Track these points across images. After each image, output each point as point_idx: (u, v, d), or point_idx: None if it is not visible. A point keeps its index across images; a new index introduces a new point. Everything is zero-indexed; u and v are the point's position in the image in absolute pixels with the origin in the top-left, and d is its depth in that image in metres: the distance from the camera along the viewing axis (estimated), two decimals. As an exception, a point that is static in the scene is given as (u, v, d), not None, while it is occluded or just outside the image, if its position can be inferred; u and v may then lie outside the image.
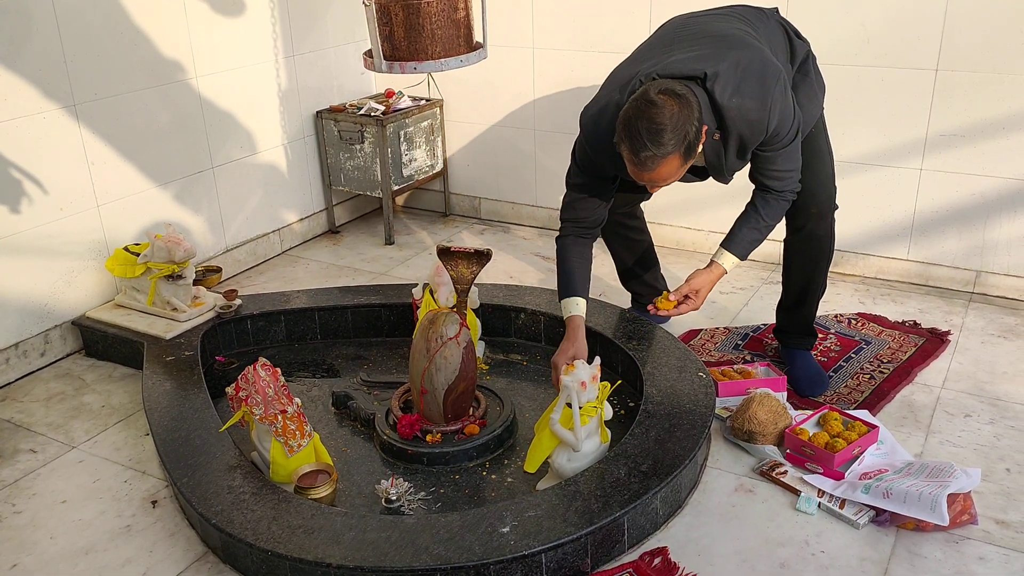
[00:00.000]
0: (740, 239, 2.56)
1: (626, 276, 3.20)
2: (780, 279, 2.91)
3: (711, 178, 2.59)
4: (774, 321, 3.25)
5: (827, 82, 2.73)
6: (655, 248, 3.21)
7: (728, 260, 2.57)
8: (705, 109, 2.26)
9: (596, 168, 2.56)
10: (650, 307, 2.62)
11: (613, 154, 2.33)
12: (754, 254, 3.77)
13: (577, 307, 2.63)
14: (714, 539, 2.20)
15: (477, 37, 2.52)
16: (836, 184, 2.70)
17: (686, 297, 2.57)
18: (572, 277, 2.65)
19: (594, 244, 2.74)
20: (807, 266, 2.78)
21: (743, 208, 2.60)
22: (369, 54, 2.46)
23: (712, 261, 2.59)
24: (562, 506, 2.11)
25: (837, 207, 2.71)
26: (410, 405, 2.63)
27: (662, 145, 2.16)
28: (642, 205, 3.12)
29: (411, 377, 2.53)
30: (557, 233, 2.74)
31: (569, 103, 4.01)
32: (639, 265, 3.15)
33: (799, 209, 2.64)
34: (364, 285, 3.42)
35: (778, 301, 2.95)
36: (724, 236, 2.61)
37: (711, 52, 2.33)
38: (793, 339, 2.92)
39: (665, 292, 2.60)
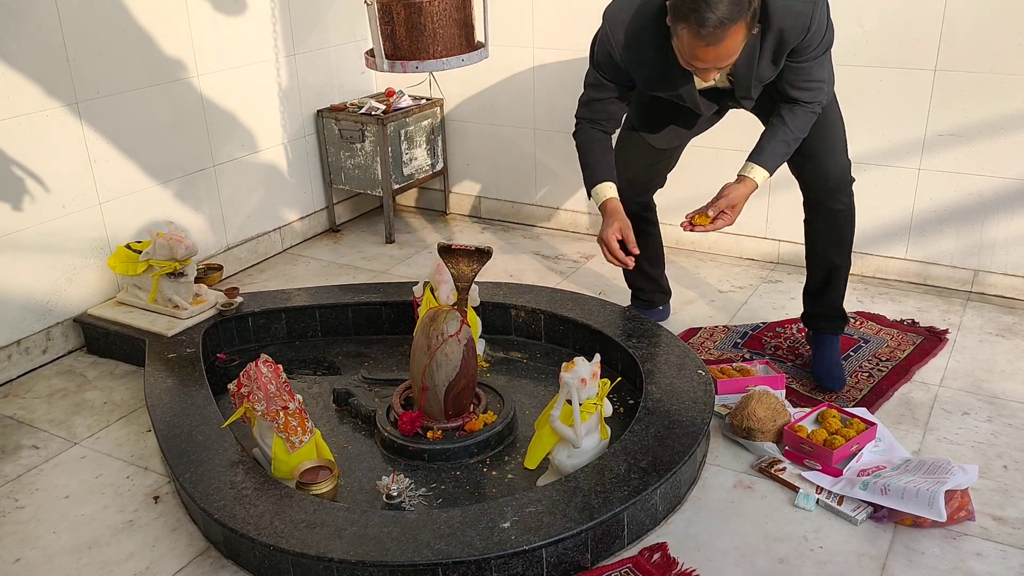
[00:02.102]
0: (769, 152, 2.51)
1: (631, 271, 3.09)
2: (780, 279, 2.93)
3: (728, 110, 2.57)
4: (773, 320, 3.27)
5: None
6: (663, 246, 3.22)
7: (758, 173, 2.52)
8: None
9: (615, 70, 2.53)
10: (684, 224, 2.59)
11: (642, 52, 2.33)
12: (753, 253, 3.81)
13: (610, 190, 2.63)
14: (713, 535, 2.21)
15: (478, 36, 2.53)
16: (850, 158, 2.69)
17: (722, 213, 2.54)
18: (597, 166, 2.65)
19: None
20: (830, 245, 2.74)
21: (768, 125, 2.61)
22: (371, 53, 2.47)
23: (741, 176, 2.55)
24: (562, 502, 2.12)
25: (854, 179, 2.67)
26: (411, 402, 2.64)
27: (730, 7, 2.09)
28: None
29: (412, 374, 2.54)
30: (574, 129, 2.74)
31: (569, 103, 4.00)
32: (647, 261, 3.09)
33: (814, 184, 2.63)
34: (365, 283, 3.43)
35: (803, 286, 2.92)
36: (751, 152, 2.57)
37: None
38: (822, 323, 2.87)
39: (698, 212, 2.59)
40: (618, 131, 2.83)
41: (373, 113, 4.01)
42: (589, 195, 2.69)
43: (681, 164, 3.86)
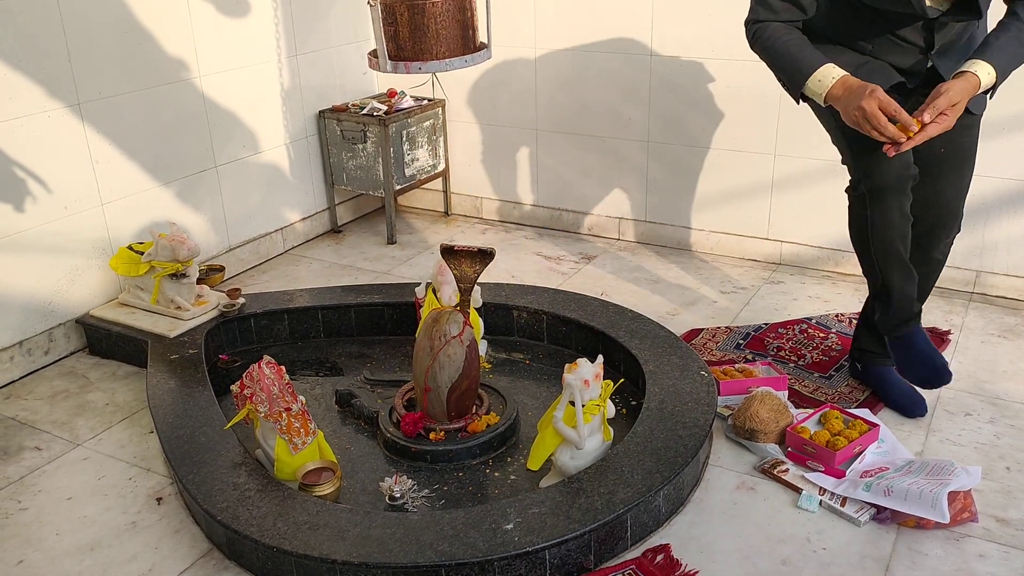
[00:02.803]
0: (999, 48, 2.09)
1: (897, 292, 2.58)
2: (782, 280, 2.91)
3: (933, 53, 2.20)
4: (775, 321, 3.26)
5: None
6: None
7: (983, 69, 2.08)
8: None
9: None
10: (895, 140, 2.10)
11: None
12: (755, 254, 3.81)
13: (836, 70, 2.18)
14: (716, 536, 2.21)
15: (481, 37, 2.53)
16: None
17: (941, 115, 2.08)
18: (802, 55, 2.22)
19: None
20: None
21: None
22: (374, 54, 2.47)
23: (963, 71, 2.10)
24: (565, 503, 2.12)
25: (959, 229, 2.52)
26: (413, 403, 2.64)
27: None
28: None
29: (415, 375, 2.54)
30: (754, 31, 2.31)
31: (571, 103, 4.03)
32: (907, 278, 2.54)
33: (922, 212, 2.38)
34: (367, 284, 3.43)
35: (865, 300, 2.73)
36: (976, 50, 2.16)
37: None
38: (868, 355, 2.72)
39: (914, 120, 2.10)
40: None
41: (375, 114, 4.01)
42: (801, 99, 2.26)
43: (682, 165, 3.87)
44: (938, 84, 2.12)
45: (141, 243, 3.28)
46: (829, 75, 2.17)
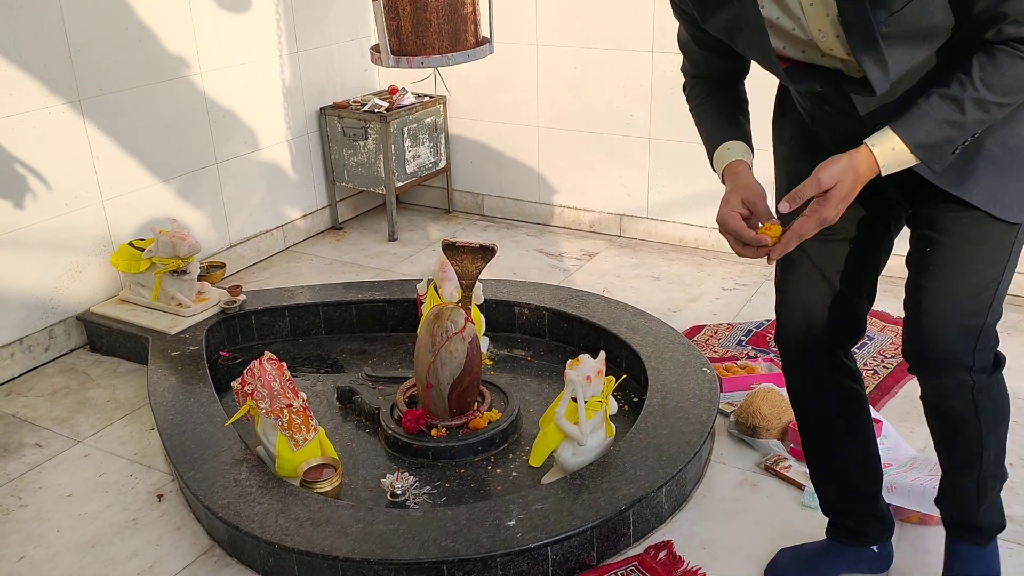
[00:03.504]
0: (921, 114, 1.42)
1: (827, 480, 2.00)
2: None
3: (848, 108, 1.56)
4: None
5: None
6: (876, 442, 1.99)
7: (885, 142, 1.45)
8: None
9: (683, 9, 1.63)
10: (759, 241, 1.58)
11: None
12: (757, 251, 3.79)
13: (730, 153, 1.73)
14: (718, 533, 2.21)
15: (483, 32, 2.52)
16: (990, 332, 1.72)
17: (811, 208, 1.51)
18: (713, 126, 1.79)
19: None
20: (940, 444, 1.85)
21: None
22: (376, 49, 2.47)
23: (864, 142, 1.48)
24: (568, 500, 2.12)
25: (990, 369, 1.72)
26: (415, 400, 2.64)
27: None
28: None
29: (416, 372, 2.53)
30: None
31: (572, 100, 4.02)
32: (856, 462, 1.95)
33: (907, 343, 1.76)
34: (368, 281, 3.43)
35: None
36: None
37: None
38: (950, 528, 1.95)
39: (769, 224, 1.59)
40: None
41: (376, 110, 4.01)
42: (715, 169, 1.76)
43: (683, 162, 3.86)
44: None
45: (142, 240, 3.27)
46: (721, 161, 1.74)
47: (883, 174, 1.48)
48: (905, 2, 1.36)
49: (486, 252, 2.60)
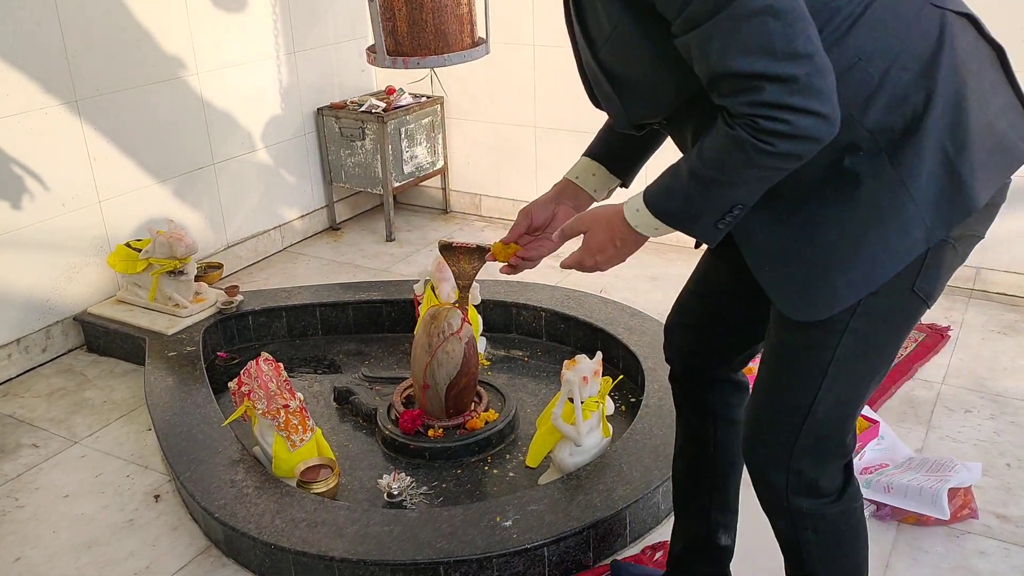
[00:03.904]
0: (663, 178, 1.35)
1: (681, 519, 1.86)
2: None
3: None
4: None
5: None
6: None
7: (635, 202, 1.37)
8: None
9: None
10: (489, 254, 1.70)
11: None
12: (754, 251, 3.79)
13: (572, 168, 1.76)
14: (715, 533, 2.20)
15: (479, 33, 2.52)
16: (852, 436, 1.46)
17: (544, 239, 1.58)
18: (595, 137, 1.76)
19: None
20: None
21: None
22: (372, 49, 2.47)
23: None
24: (564, 500, 2.12)
25: (849, 488, 1.48)
26: (412, 400, 2.64)
27: None
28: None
29: (413, 372, 2.53)
30: None
31: (569, 100, 4.01)
32: (714, 503, 1.82)
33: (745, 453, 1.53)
34: (365, 281, 3.42)
35: None
36: None
37: None
38: None
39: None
40: None
41: (373, 111, 4.00)
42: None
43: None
44: None
45: (139, 240, 3.27)
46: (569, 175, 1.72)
47: (643, 233, 1.38)
48: (604, 41, 1.31)
49: (483, 252, 2.58)
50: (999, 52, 1.32)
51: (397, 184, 4.13)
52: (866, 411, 2.56)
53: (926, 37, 1.23)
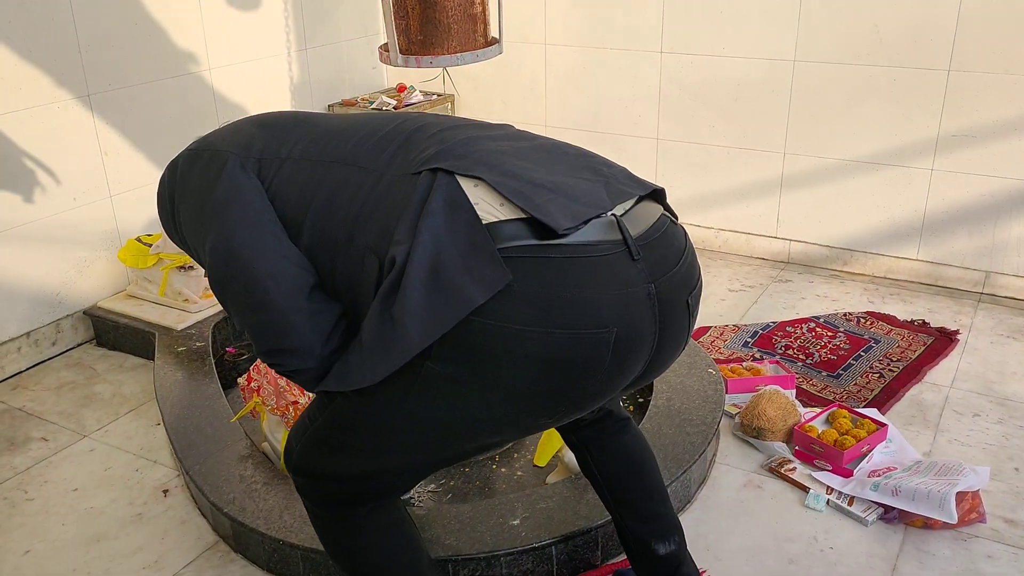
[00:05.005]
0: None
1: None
2: (791, 279, 2.84)
3: None
4: (783, 319, 3.25)
5: (839, 81, 2.60)
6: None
7: None
8: None
9: None
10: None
11: None
12: (764, 252, 3.80)
13: None
14: (723, 534, 2.21)
15: (492, 32, 2.52)
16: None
17: None
18: None
19: None
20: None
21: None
22: (384, 48, 2.47)
23: None
24: (573, 499, 2.12)
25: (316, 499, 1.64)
26: (420, 398, 2.64)
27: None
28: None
29: (422, 370, 2.53)
30: None
31: (580, 99, 4.02)
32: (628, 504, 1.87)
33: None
34: (374, 278, 3.42)
35: None
36: None
37: None
38: None
39: None
40: None
41: (384, 108, 4.01)
42: None
43: (691, 163, 3.86)
44: None
45: (149, 235, 3.28)
46: None
47: None
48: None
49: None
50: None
51: (406, 182, 4.13)
52: (875, 414, 2.56)
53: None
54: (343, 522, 1.63)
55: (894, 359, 2.95)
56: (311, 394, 2.34)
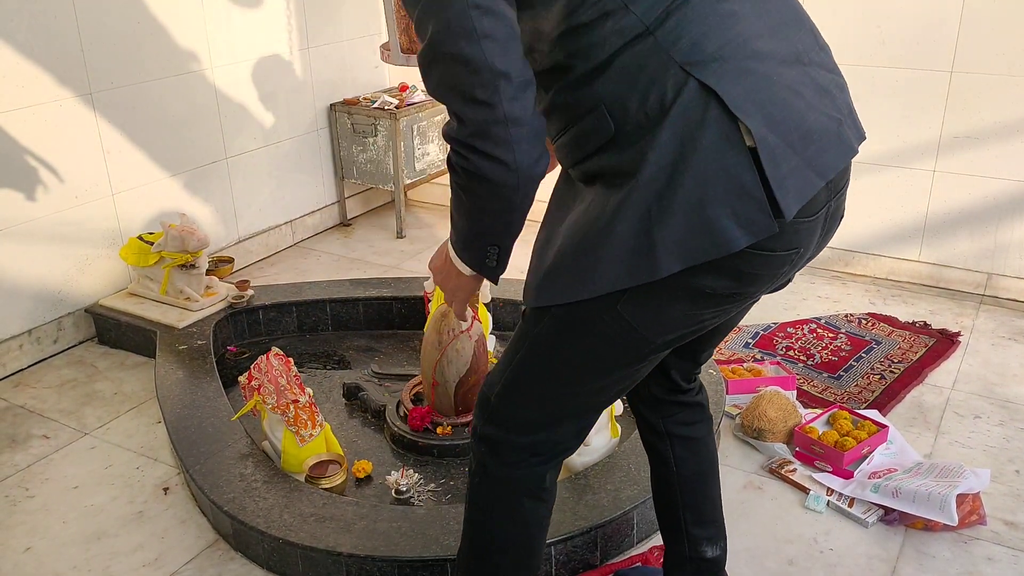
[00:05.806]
0: None
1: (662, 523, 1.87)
2: (792, 280, 2.82)
3: None
4: (784, 320, 3.25)
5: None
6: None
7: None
8: None
9: None
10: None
11: None
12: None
13: None
14: (723, 535, 2.21)
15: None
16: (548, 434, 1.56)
17: None
18: None
19: None
20: None
21: None
22: (386, 47, 2.47)
23: None
24: (572, 500, 2.12)
25: (488, 464, 1.60)
26: (421, 397, 2.64)
27: None
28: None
29: (423, 369, 2.54)
30: None
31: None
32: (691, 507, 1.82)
33: None
34: (376, 278, 3.43)
35: None
36: None
37: None
38: None
39: None
40: None
41: (386, 107, 4.01)
42: None
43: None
44: None
45: (151, 233, 3.28)
46: None
47: (455, 265, 1.51)
48: None
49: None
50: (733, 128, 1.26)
51: (408, 181, 4.14)
52: (875, 415, 2.56)
53: (661, 100, 1.25)
54: (512, 486, 1.58)
55: (895, 361, 2.95)
56: (309, 394, 2.35)
